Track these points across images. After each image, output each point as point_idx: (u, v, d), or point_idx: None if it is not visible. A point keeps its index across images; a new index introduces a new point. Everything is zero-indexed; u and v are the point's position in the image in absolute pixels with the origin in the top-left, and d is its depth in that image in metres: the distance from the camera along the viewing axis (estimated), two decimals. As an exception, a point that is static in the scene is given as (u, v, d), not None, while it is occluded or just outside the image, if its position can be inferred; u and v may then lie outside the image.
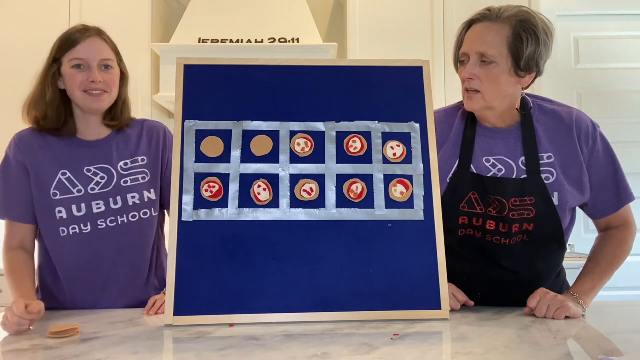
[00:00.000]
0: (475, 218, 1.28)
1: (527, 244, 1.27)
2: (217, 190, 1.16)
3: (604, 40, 3.17)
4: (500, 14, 1.23)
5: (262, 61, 1.25)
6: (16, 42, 2.88)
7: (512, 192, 1.25)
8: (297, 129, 1.21)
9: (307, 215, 1.15)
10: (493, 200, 1.26)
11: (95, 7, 2.93)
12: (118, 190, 1.36)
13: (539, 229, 1.25)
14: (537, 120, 1.30)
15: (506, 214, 1.25)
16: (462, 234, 1.30)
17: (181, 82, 1.22)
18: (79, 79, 1.32)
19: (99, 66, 1.33)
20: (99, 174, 1.36)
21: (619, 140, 3.11)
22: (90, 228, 1.34)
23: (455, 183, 1.28)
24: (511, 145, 1.29)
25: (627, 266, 1.44)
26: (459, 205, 1.28)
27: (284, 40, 2.81)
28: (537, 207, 1.24)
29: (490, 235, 1.27)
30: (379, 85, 1.25)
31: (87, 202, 1.33)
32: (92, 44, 1.34)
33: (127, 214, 1.36)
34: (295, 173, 1.18)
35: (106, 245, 1.35)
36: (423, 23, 2.93)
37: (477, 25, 1.25)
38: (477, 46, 1.22)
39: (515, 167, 1.27)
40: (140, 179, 1.38)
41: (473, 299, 1.27)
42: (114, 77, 1.37)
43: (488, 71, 1.22)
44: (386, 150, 1.20)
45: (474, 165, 1.29)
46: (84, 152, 1.37)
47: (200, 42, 2.81)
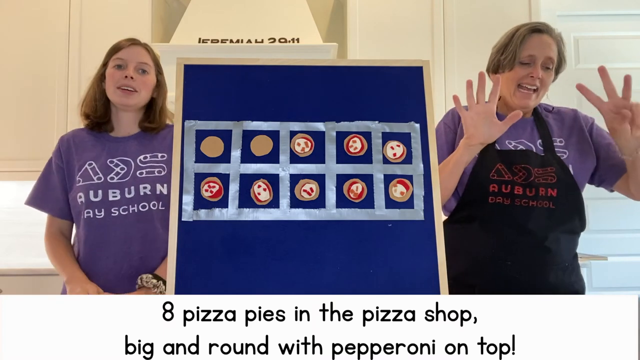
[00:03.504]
0: (504, 185, 1.40)
1: (553, 211, 1.39)
2: (217, 190, 1.16)
3: (604, 40, 3.18)
4: (552, 30, 1.48)
5: (262, 61, 1.25)
6: (16, 42, 2.89)
7: (535, 163, 1.42)
8: (297, 129, 1.21)
9: (307, 215, 1.15)
10: (519, 169, 1.41)
11: (95, 7, 2.94)
12: (133, 180, 1.45)
13: (562, 195, 1.39)
14: (546, 117, 1.53)
15: (532, 179, 1.40)
16: (492, 201, 1.41)
17: (181, 82, 1.22)
18: (116, 77, 1.47)
19: (135, 68, 1.48)
20: (119, 165, 1.47)
21: (619, 140, 3.12)
22: (103, 214, 1.43)
23: (483, 156, 1.42)
24: (528, 132, 1.49)
25: (627, 266, 1.44)
26: (488, 174, 1.42)
27: (284, 40, 2.81)
28: (558, 175, 1.40)
29: (518, 199, 1.39)
30: (379, 85, 1.25)
31: (104, 189, 1.43)
32: (134, 49, 1.51)
33: (137, 204, 1.43)
34: (295, 173, 1.18)
35: (116, 232, 1.42)
36: (423, 23, 2.94)
37: (540, 35, 1.46)
38: (547, 52, 1.45)
39: (534, 147, 1.46)
40: (156, 172, 1.47)
41: (502, 270, 1.37)
42: (147, 81, 1.50)
43: (547, 75, 1.46)
44: (386, 150, 1.20)
45: (498, 144, 1.45)
46: (110, 146, 1.49)
47: (200, 42, 2.81)
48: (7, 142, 2.83)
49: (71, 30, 2.91)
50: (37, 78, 2.86)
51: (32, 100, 2.82)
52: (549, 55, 1.44)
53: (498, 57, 1.51)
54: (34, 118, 2.81)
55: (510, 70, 1.46)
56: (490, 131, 1.32)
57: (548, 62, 1.45)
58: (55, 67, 2.89)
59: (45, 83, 2.86)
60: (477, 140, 1.32)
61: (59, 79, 2.88)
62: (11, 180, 2.90)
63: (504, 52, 1.49)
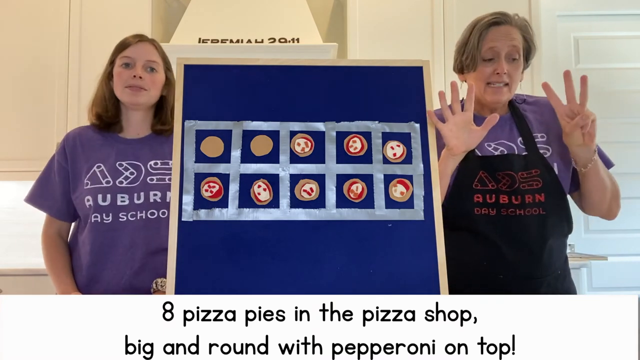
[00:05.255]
0: (488, 195, 1.34)
1: (544, 218, 1.32)
2: (217, 190, 1.16)
3: (604, 40, 3.18)
4: (512, 18, 1.40)
5: (262, 61, 1.25)
6: (16, 42, 2.89)
7: (518, 166, 1.35)
8: (297, 129, 1.21)
9: (307, 215, 1.15)
10: (503, 176, 1.35)
11: (95, 7, 2.93)
12: (143, 186, 1.42)
13: (550, 199, 1.33)
14: (524, 110, 1.45)
15: (517, 186, 1.33)
16: (477, 212, 1.34)
17: (181, 82, 1.22)
18: (124, 76, 1.45)
19: (144, 67, 1.45)
20: (129, 169, 1.44)
21: (619, 140, 3.12)
22: (111, 219, 1.40)
23: (464, 166, 1.34)
24: (507, 130, 1.42)
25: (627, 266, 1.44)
26: (471, 184, 1.35)
27: (284, 40, 2.81)
28: (543, 178, 1.33)
29: (504, 209, 1.33)
30: (379, 85, 1.25)
31: (113, 193, 1.40)
32: (142, 46, 1.47)
33: (146, 210, 1.41)
34: (295, 173, 1.18)
35: (122, 238, 1.40)
36: (423, 23, 2.93)
37: (499, 27, 1.38)
38: (509, 42, 1.36)
39: (516, 146, 1.39)
40: (167, 179, 1.43)
41: (493, 282, 1.31)
42: (156, 79, 1.47)
43: (514, 67, 1.38)
44: (386, 150, 1.20)
45: (478, 150, 1.38)
46: (119, 148, 1.46)
47: (200, 42, 2.81)
48: (7, 142, 2.83)
49: (71, 30, 2.90)
50: (37, 78, 2.86)
51: (32, 100, 2.82)
52: (512, 44, 1.36)
53: (460, 57, 1.44)
54: (34, 118, 2.81)
55: (475, 70, 1.39)
56: (470, 139, 1.26)
57: (513, 52, 1.36)
58: (55, 67, 2.89)
59: (45, 83, 2.85)
60: (459, 150, 1.26)
61: (58, 79, 2.88)
62: (11, 180, 2.90)
63: (464, 52, 1.42)
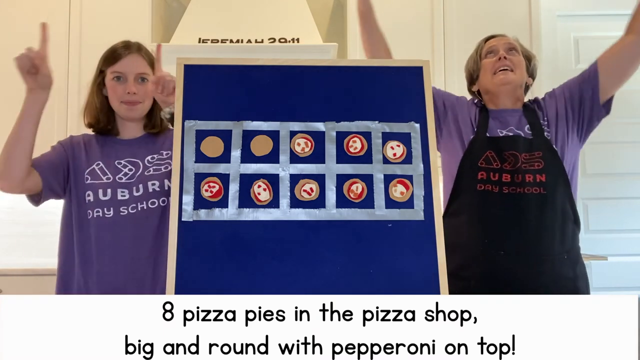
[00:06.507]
0: (492, 173, 1.43)
1: (544, 197, 1.40)
2: (217, 190, 1.16)
3: (604, 40, 3.16)
4: (506, 35, 1.60)
5: (262, 61, 1.25)
6: (16, 42, 2.88)
7: (523, 148, 1.45)
8: (297, 129, 1.21)
9: (307, 215, 1.15)
10: (508, 156, 1.44)
11: (95, 7, 2.93)
12: (141, 179, 1.46)
13: (551, 180, 1.41)
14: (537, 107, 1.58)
15: (519, 165, 1.42)
16: (480, 188, 1.43)
17: (181, 82, 1.22)
18: (119, 91, 1.50)
19: (135, 79, 1.50)
20: (127, 166, 1.49)
21: (619, 140, 3.12)
22: (112, 213, 1.43)
23: (472, 145, 1.47)
24: (516, 120, 1.53)
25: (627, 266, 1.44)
26: (477, 162, 1.45)
27: (284, 40, 2.81)
28: (545, 160, 1.43)
29: (506, 187, 1.41)
30: (379, 85, 1.25)
31: (114, 188, 1.44)
32: (131, 59, 1.52)
33: (146, 201, 1.44)
34: (295, 173, 1.18)
35: (125, 231, 1.42)
36: (423, 23, 2.94)
37: (494, 38, 1.60)
38: (505, 41, 1.57)
39: (523, 132, 1.50)
40: (163, 168, 1.49)
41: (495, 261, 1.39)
42: (148, 89, 1.50)
43: (514, 57, 1.54)
44: (386, 150, 1.20)
45: (489, 132, 1.50)
46: (117, 148, 1.52)
47: (200, 42, 2.81)
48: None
49: (71, 31, 2.90)
50: (37, 78, 2.86)
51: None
52: (508, 41, 1.57)
53: (468, 71, 1.64)
54: (34, 118, 2.81)
55: (480, 69, 1.57)
56: None
57: (510, 47, 1.55)
58: (55, 68, 2.88)
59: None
60: None
61: (58, 80, 2.84)
62: (11, 180, 2.90)
63: (470, 66, 1.63)
